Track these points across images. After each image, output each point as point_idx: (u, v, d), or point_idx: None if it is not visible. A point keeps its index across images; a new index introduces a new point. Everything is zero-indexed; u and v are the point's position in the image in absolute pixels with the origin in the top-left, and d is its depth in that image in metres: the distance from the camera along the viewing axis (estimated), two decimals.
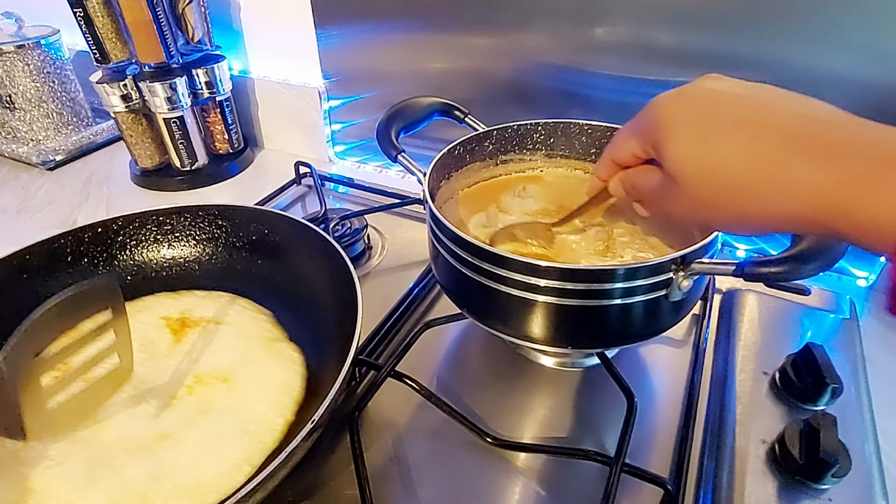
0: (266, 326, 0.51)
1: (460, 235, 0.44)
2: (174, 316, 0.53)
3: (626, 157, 0.39)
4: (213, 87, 0.86)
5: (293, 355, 0.48)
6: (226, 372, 0.47)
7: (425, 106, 0.61)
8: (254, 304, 0.54)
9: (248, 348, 0.48)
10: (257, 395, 0.45)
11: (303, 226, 0.54)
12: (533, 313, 0.44)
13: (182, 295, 0.56)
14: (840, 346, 0.57)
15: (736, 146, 0.30)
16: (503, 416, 0.51)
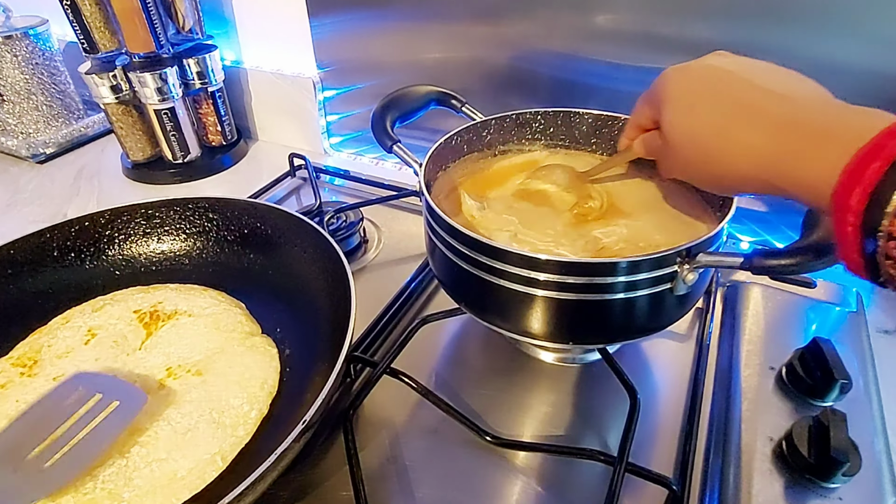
0: (240, 319, 0.50)
1: (457, 228, 0.42)
2: (145, 309, 0.52)
3: (643, 121, 0.45)
4: (204, 77, 0.84)
5: (268, 349, 0.47)
6: (198, 364, 0.45)
7: (421, 95, 0.59)
8: (228, 297, 0.53)
9: (221, 341, 0.47)
10: (230, 388, 0.44)
11: (296, 219, 0.52)
12: (532, 308, 0.43)
13: (156, 288, 0.54)
14: (847, 340, 0.55)
15: (708, 117, 0.36)
16: (502, 414, 0.49)
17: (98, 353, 0.48)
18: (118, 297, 0.54)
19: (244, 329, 0.49)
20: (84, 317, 0.51)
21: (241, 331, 0.49)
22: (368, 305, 0.59)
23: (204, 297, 0.53)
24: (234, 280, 0.55)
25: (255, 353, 0.46)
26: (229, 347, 0.47)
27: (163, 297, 0.53)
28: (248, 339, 0.48)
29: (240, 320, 0.50)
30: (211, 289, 0.54)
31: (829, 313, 0.59)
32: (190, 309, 0.51)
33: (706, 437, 0.47)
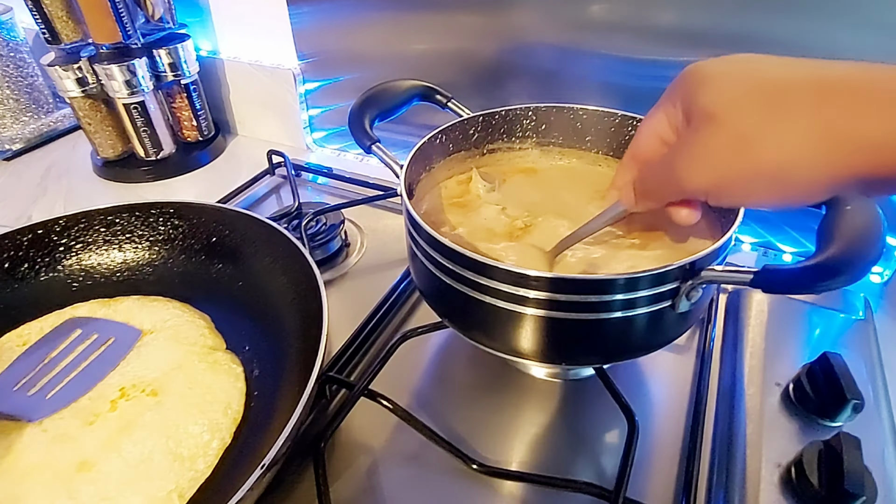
0: (203, 332, 0.46)
1: (439, 240, 0.39)
2: None
3: (647, 143, 0.33)
4: (177, 69, 0.79)
5: (232, 367, 0.43)
6: (155, 383, 0.41)
7: (404, 90, 0.55)
8: (192, 309, 0.49)
9: (182, 357, 0.43)
10: (189, 412, 0.40)
11: (266, 226, 0.48)
12: (521, 327, 0.39)
13: (119, 301, 0.50)
14: (855, 350, 0.52)
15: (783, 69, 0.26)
16: (490, 437, 0.46)
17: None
18: (80, 310, 0.49)
19: (206, 343, 0.45)
20: (41, 333, 0.47)
21: (203, 344, 0.45)
22: (348, 316, 0.56)
23: (167, 308, 0.49)
24: (201, 292, 0.51)
25: (217, 370, 0.43)
26: (189, 363, 0.43)
27: (127, 310, 0.49)
28: (211, 355, 0.44)
29: (202, 333, 0.46)
30: (176, 301, 0.50)
31: (836, 321, 0.56)
32: (153, 323, 0.47)
33: (709, 462, 0.44)
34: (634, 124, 0.54)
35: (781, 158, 0.26)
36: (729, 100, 0.27)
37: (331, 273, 0.63)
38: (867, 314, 0.57)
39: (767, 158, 0.26)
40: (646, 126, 0.33)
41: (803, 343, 0.53)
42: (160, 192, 0.81)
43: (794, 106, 0.26)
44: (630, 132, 0.55)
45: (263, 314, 0.47)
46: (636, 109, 0.63)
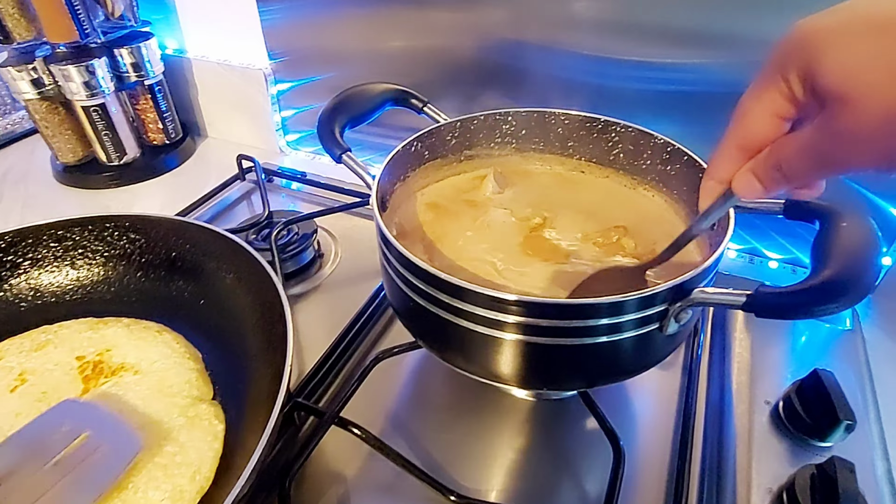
0: (191, 378, 0.42)
1: (411, 260, 0.36)
2: (90, 357, 0.44)
3: (761, 125, 0.28)
4: (140, 69, 0.75)
5: (213, 423, 0.39)
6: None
7: (376, 94, 0.52)
8: (184, 344, 0.45)
9: (162, 409, 0.39)
10: (154, 476, 0.36)
11: (228, 241, 0.45)
12: (500, 352, 0.37)
13: (107, 324, 0.47)
14: (843, 362, 0.51)
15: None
16: (468, 463, 0.44)
17: (21, 405, 0.41)
18: (64, 333, 0.46)
19: (192, 393, 0.42)
20: (21, 356, 0.44)
21: (188, 395, 0.41)
22: (321, 332, 0.53)
23: (157, 342, 0.45)
24: (161, 311, 0.48)
25: (195, 428, 0.39)
26: (168, 418, 0.39)
27: (113, 341, 0.45)
28: (193, 408, 0.40)
29: (189, 379, 0.42)
30: (167, 330, 0.47)
31: (822, 331, 0.54)
32: (138, 363, 0.44)
33: (697, 489, 0.42)
34: (618, 129, 0.52)
35: None
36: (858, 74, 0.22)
37: (303, 286, 0.60)
38: (855, 325, 0.55)
39: None
40: (756, 108, 0.28)
41: (791, 356, 0.52)
42: (124, 198, 0.77)
43: None
44: (613, 137, 0.53)
45: (227, 336, 0.44)
46: (619, 112, 0.61)
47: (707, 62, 0.56)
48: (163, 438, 0.37)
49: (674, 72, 0.57)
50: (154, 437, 0.37)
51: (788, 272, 0.63)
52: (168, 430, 0.38)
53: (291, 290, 0.60)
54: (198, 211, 0.72)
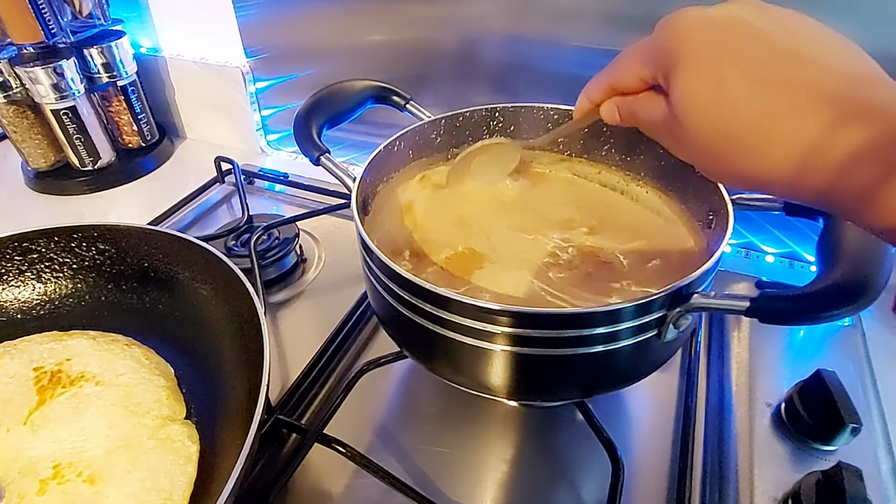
0: (161, 397, 0.39)
1: (394, 269, 0.34)
2: (48, 367, 0.42)
3: (628, 82, 0.33)
4: (112, 69, 0.72)
5: (186, 445, 0.36)
6: (95, 465, 0.35)
7: (356, 92, 0.50)
8: (155, 359, 0.43)
9: (130, 431, 0.37)
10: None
11: (202, 250, 0.43)
12: (489, 364, 0.35)
13: (71, 336, 0.44)
14: (844, 359, 0.49)
15: (743, 95, 0.26)
16: (460, 477, 0.42)
17: None
18: (25, 345, 0.43)
19: (162, 412, 0.39)
20: None
21: (158, 414, 0.39)
22: (305, 341, 0.51)
23: (124, 355, 0.42)
24: (134, 326, 0.45)
25: (167, 450, 0.36)
26: (137, 440, 0.37)
27: (76, 351, 0.42)
28: (164, 429, 0.38)
29: (159, 398, 0.40)
30: (136, 344, 0.44)
31: (821, 327, 0.53)
32: (100, 373, 0.41)
33: (699, 499, 0.40)
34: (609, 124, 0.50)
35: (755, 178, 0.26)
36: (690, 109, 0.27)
37: (286, 292, 0.58)
38: (855, 319, 0.54)
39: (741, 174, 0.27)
40: (626, 62, 0.32)
41: (790, 353, 0.50)
42: (99, 204, 0.74)
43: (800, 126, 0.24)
44: (605, 132, 0.51)
45: (202, 351, 0.42)
46: None
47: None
48: (133, 464, 0.35)
49: None
50: (125, 464, 0.35)
51: (786, 267, 0.61)
52: (137, 454, 0.35)
53: (274, 297, 0.57)
54: (176, 216, 0.69)
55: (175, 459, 0.35)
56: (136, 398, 0.38)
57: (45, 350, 0.43)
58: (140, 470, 0.34)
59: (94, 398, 0.39)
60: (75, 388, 0.40)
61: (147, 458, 0.35)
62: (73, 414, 0.38)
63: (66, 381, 0.41)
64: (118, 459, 0.35)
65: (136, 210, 0.73)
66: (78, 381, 0.41)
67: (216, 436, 0.37)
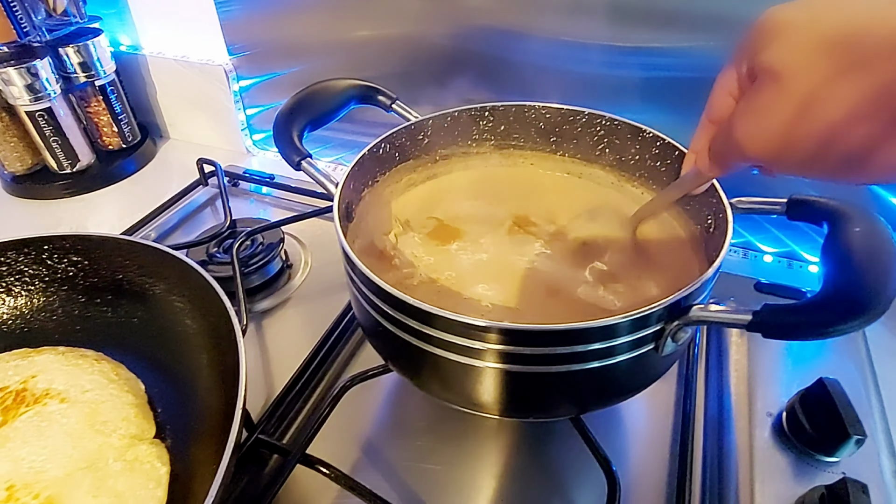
0: (129, 415, 0.37)
1: (378, 284, 0.32)
2: (13, 386, 0.39)
3: (720, 101, 0.29)
4: (89, 68, 0.70)
5: (155, 466, 0.34)
6: (53, 487, 0.33)
7: (338, 92, 0.48)
8: (125, 375, 0.41)
9: (94, 451, 0.35)
10: None
11: (177, 260, 0.41)
12: (478, 382, 0.33)
13: (41, 353, 0.42)
14: (846, 363, 0.48)
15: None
16: (451, 495, 0.40)
17: None
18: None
19: (129, 430, 0.37)
20: None
21: (126, 433, 0.37)
22: (290, 352, 0.49)
23: (92, 370, 0.40)
24: (107, 341, 0.43)
25: (134, 472, 0.34)
26: (102, 462, 0.34)
27: (42, 367, 0.40)
28: (132, 449, 0.36)
29: (127, 416, 0.38)
30: (107, 359, 0.42)
31: None
32: (66, 389, 0.39)
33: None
34: (603, 123, 0.48)
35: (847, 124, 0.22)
36: (795, 55, 0.23)
37: (271, 300, 0.56)
38: None
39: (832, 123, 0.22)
40: (718, 82, 0.29)
41: (790, 359, 0.48)
42: (78, 208, 0.72)
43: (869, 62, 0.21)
44: (598, 131, 0.49)
45: (177, 367, 0.40)
46: (604, 100, 0.58)
47: (696, 45, 0.52)
48: (98, 488, 0.33)
49: (661, 56, 0.54)
50: (88, 488, 0.33)
51: (784, 267, 0.60)
52: (102, 477, 0.33)
53: (258, 305, 0.55)
54: (158, 219, 0.67)
55: (144, 483, 0.33)
56: (102, 416, 0.36)
57: (10, 368, 0.41)
58: (105, 494, 0.32)
59: (58, 416, 0.37)
60: (39, 406, 0.38)
61: (113, 481, 0.33)
62: (34, 433, 0.36)
63: (30, 400, 0.38)
64: (80, 482, 0.33)
65: (117, 214, 0.71)
66: (42, 398, 0.38)
67: (191, 457, 0.36)
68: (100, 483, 0.33)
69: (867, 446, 0.40)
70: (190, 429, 0.37)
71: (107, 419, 0.36)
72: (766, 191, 0.38)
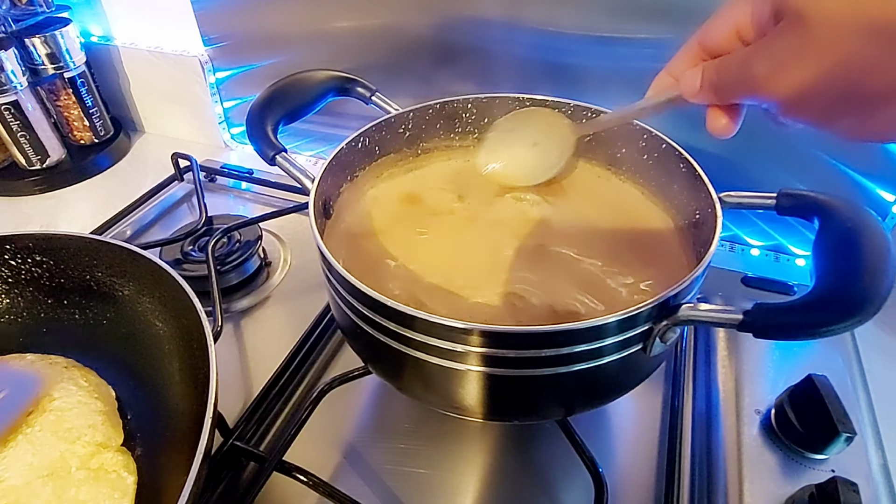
0: (95, 422, 0.36)
1: (354, 284, 0.30)
2: None
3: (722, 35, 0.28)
4: (58, 60, 0.67)
5: (121, 476, 0.33)
6: (11, 496, 0.31)
7: (316, 84, 0.46)
8: (95, 381, 0.39)
9: (57, 460, 0.33)
10: None
11: (147, 261, 0.39)
12: (461, 386, 0.32)
13: (7, 361, 0.40)
14: (834, 360, 0.47)
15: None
16: (435, 499, 0.39)
17: None
18: None
19: (95, 438, 0.35)
20: None
21: (91, 440, 0.35)
22: (270, 353, 0.47)
23: (60, 378, 0.38)
24: (75, 345, 0.41)
25: (99, 482, 0.33)
26: (64, 471, 0.33)
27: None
28: (97, 456, 0.34)
29: (93, 423, 0.36)
30: (77, 365, 0.40)
31: None
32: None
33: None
34: (589, 115, 0.47)
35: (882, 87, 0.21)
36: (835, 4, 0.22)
37: (250, 299, 0.54)
38: None
39: (864, 82, 0.22)
40: (725, 14, 0.27)
41: (778, 355, 0.48)
42: (49, 206, 0.69)
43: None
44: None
45: (148, 372, 0.38)
46: (589, 91, 0.56)
47: (684, 37, 0.50)
48: (56, 497, 0.31)
49: (648, 48, 0.52)
50: (44, 495, 0.31)
51: (772, 260, 0.59)
52: (65, 487, 0.32)
53: (236, 304, 0.54)
54: (133, 216, 0.65)
55: (108, 492, 0.32)
56: (67, 423, 0.35)
57: None
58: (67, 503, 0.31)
59: (23, 427, 0.35)
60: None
61: (76, 491, 0.31)
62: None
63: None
64: (40, 491, 0.31)
65: (90, 211, 0.68)
66: None
67: (162, 466, 0.34)
68: (61, 492, 0.31)
69: (856, 443, 0.39)
70: (161, 436, 0.35)
71: (72, 426, 0.35)
72: (749, 184, 0.37)
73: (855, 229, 0.29)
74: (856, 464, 0.39)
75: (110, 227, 0.62)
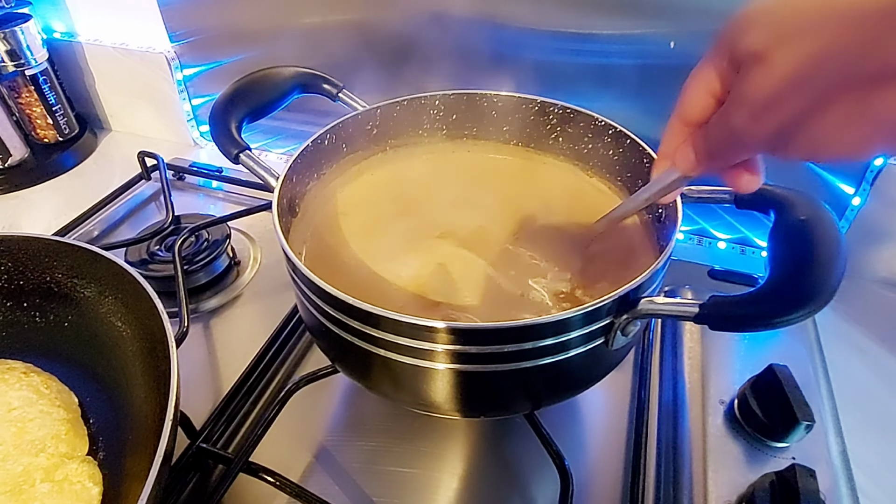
0: (59, 432, 0.35)
1: (318, 284, 0.30)
2: None
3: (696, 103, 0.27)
4: (18, 56, 0.65)
5: (87, 487, 0.32)
6: None
7: (281, 80, 0.45)
8: (57, 388, 0.38)
9: (20, 474, 0.32)
10: None
11: (109, 262, 0.38)
12: (429, 383, 0.32)
13: None
14: (796, 350, 0.48)
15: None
16: (406, 496, 0.39)
17: None
18: None
19: (59, 449, 0.34)
20: None
21: (55, 451, 0.34)
22: (239, 353, 0.47)
23: (20, 385, 0.37)
24: (35, 349, 0.40)
25: (63, 494, 0.32)
26: (28, 484, 0.32)
27: None
28: (61, 468, 0.33)
29: (57, 433, 0.35)
30: (36, 371, 0.39)
31: None
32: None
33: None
34: (556, 111, 0.47)
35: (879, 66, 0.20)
36: (775, 33, 0.22)
37: (218, 298, 0.54)
38: None
39: (856, 64, 0.20)
40: (692, 84, 0.27)
41: (742, 346, 0.49)
42: (11, 206, 0.68)
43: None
44: (552, 120, 0.48)
45: (112, 375, 0.38)
46: (560, 88, 0.57)
47: (650, 32, 0.51)
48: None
49: (615, 44, 0.53)
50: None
51: (738, 253, 0.60)
52: (28, 499, 0.31)
53: (205, 304, 0.53)
54: (98, 216, 0.64)
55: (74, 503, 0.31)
56: (29, 435, 0.34)
57: None
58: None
59: None
60: None
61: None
62: None
63: None
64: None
65: (54, 211, 0.67)
66: None
67: (125, 472, 0.34)
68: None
69: (816, 430, 0.40)
70: (124, 440, 0.35)
71: (35, 438, 0.34)
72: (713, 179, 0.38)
73: (808, 222, 0.30)
74: (816, 451, 0.40)
75: (75, 227, 0.61)
